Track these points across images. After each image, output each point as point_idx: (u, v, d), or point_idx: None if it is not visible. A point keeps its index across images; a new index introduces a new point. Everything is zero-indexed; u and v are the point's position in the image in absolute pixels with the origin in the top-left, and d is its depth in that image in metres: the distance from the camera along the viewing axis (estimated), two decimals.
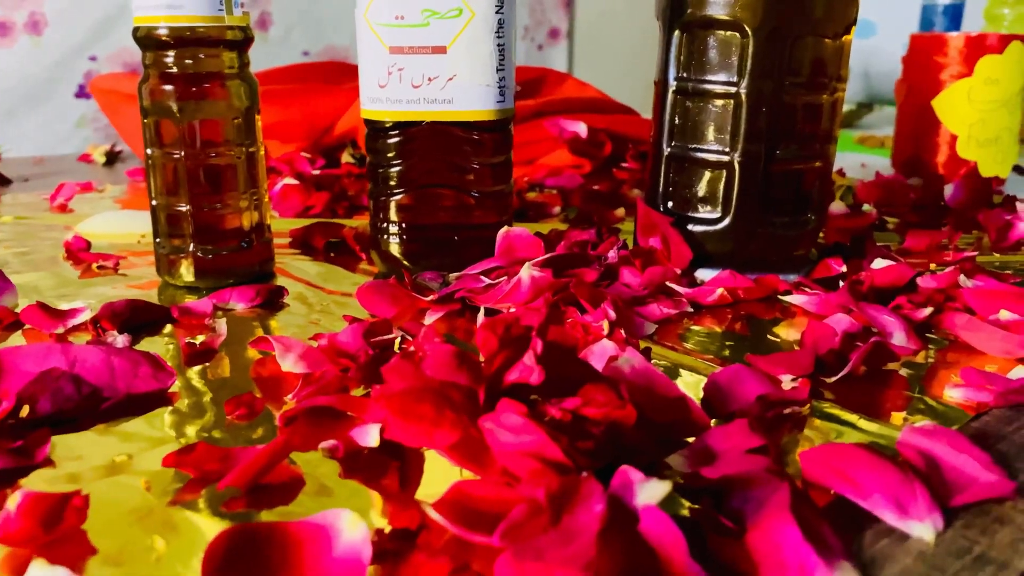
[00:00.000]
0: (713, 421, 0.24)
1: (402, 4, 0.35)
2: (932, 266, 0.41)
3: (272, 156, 0.70)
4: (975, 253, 0.42)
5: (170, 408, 0.26)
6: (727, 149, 0.36)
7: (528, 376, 0.20)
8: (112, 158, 0.75)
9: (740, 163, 0.36)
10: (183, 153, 0.36)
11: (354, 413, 0.23)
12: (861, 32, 0.36)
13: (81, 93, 1.43)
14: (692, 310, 0.35)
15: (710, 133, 0.37)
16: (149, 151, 0.37)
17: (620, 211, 0.52)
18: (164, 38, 0.35)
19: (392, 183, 0.38)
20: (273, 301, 0.36)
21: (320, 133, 0.69)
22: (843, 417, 0.25)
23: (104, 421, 0.25)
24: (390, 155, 0.37)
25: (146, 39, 0.35)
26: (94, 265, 0.41)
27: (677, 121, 0.38)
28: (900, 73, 0.81)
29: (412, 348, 0.26)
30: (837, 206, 0.52)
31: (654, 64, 0.39)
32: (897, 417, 0.25)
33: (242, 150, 0.37)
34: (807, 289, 0.35)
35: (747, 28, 0.34)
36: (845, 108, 1.36)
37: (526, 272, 0.33)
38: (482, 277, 0.35)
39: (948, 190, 0.56)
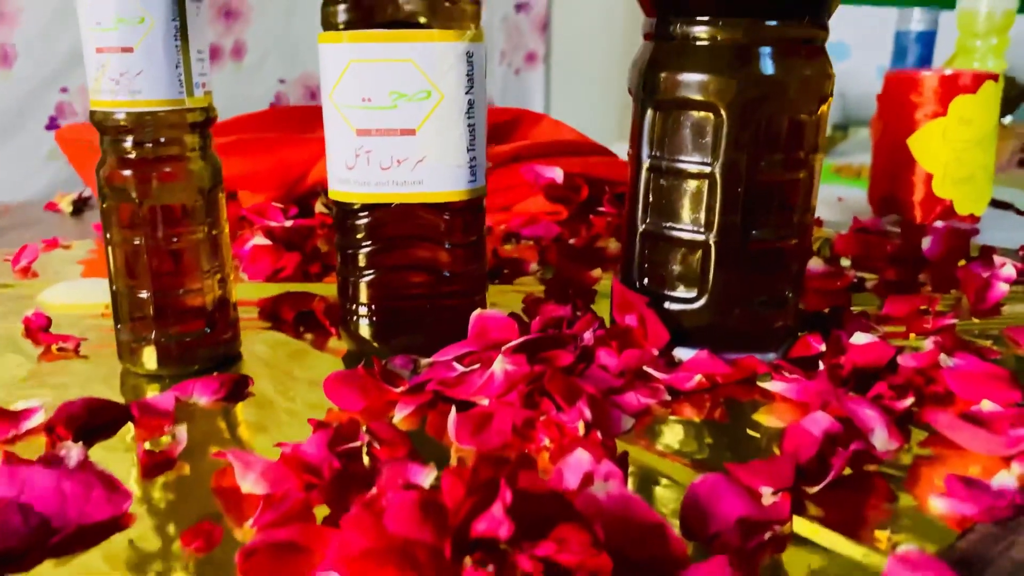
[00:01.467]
0: (691, 546, 0.24)
1: (369, 87, 0.34)
2: (912, 337, 0.41)
3: (243, 206, 0.68)
4: (954, 321, 0.42)
5: (126, 538, 0.24)
6: (702, 229, 0.36)
7: (497, 529, 0.19)
8: (80, 207, 0.74)
9: (716, 243, 0.35)
10: (143, 239, 0.35)
11: (316, 550, 0.22)
12: (836, 55, 0.35)
13: (52, 125, 1.40)
14: (670, 398, 0.34)
15: (685, 212, 0.36)
16: (108, 235, 0.36)
17: (597, 271, 0.51)
18: (122, 123, 0.34)
19: (361, 264, 0.37)
20: (238, 392, 0.35)
21: (292, 183, 0.68)
22: (825, 545, 0.24)
23: (54, 556, 0.23)
24: (359, 236, 0.36)
25: (103, 123, 0.34)
26: (54, 347, 0.40)
27: (651, 198, 0.37)
28: (875, 93, 0.81)
29: (375, 492, 0.25)
30: (815, 263, 0.51)
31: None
32: (881, 535, 0.24)
33: (204, 229, 0.36)
34: (786, 374, 0.35)
35: (721, 109, 0.34)
36: None
37: (499, 366, 0.32)
38: (455, 364, 0.34)
39: (925, 243, 0.56)
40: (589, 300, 0.47)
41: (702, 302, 0.36)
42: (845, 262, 0.56)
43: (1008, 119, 1.50)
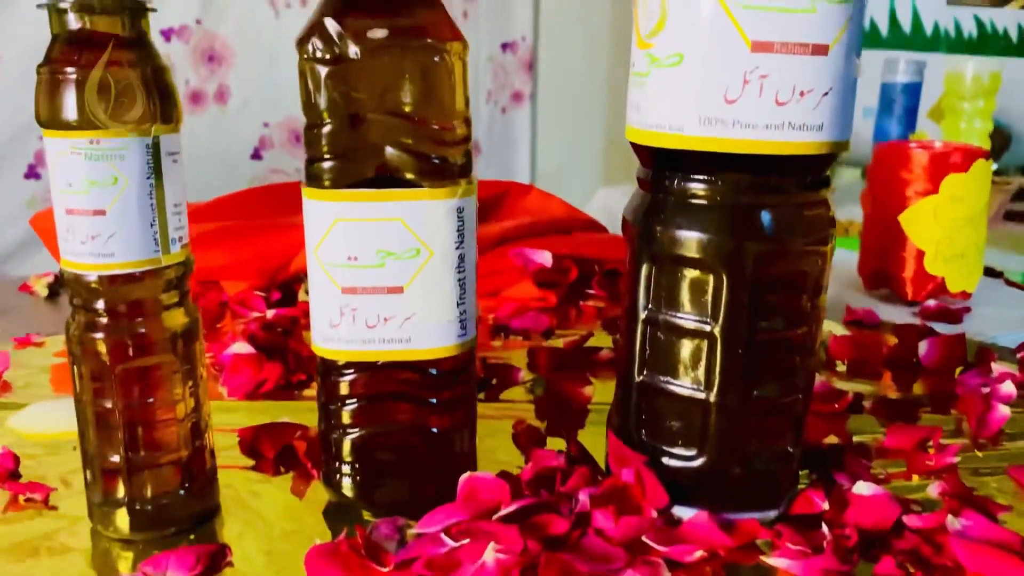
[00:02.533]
0: None
1: (356, 246, 0.33)
2: (915, 478, 0.40)
3: (227, 292, 0.67)
4: (957, 460, 0.41)
5: None
6: (702, 387, 0.34)
7: None
8: (55, 289, 0.72)
9: (716, 403, 0.34)
10: (115, 402, 0.33)
11: None
12: None
13: (31, 173, 1.38)
14: (670, 573, 0.32)
15: (683, 369, 0.35)
16: (77, 392, 0.34)
17: (588, 389, 0.49)
18: (93, 285, 0.32)
19: (345, 421, 0.35)
20: (216, 565, 0.33)
21: (274, 272, 0.66)
22: None
23: None
24: (343, 393, 0.35)
25: (74, 284, 0.32)
26: (21, 497, 0.38)
27: (648, 351, 0.35)
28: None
29: None
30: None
31: (614, 124, 0.37)
32: None
33: (181, 386, 0.35)
34: (789, 545, 0.33)
35: (721, 270, 0.33)
36: None
37: (490, 555, 0.30)
38: (443, 537, 0.33)
39: (922, 347, 0.55)
40: (580, 423, 0.46)
41: (701, 460, 0.35)
42: (841, 367, 0.56)
43: (993, 167, 1.51)
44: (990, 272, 0.88)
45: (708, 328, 0.34)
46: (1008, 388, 0.48)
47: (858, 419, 0.47)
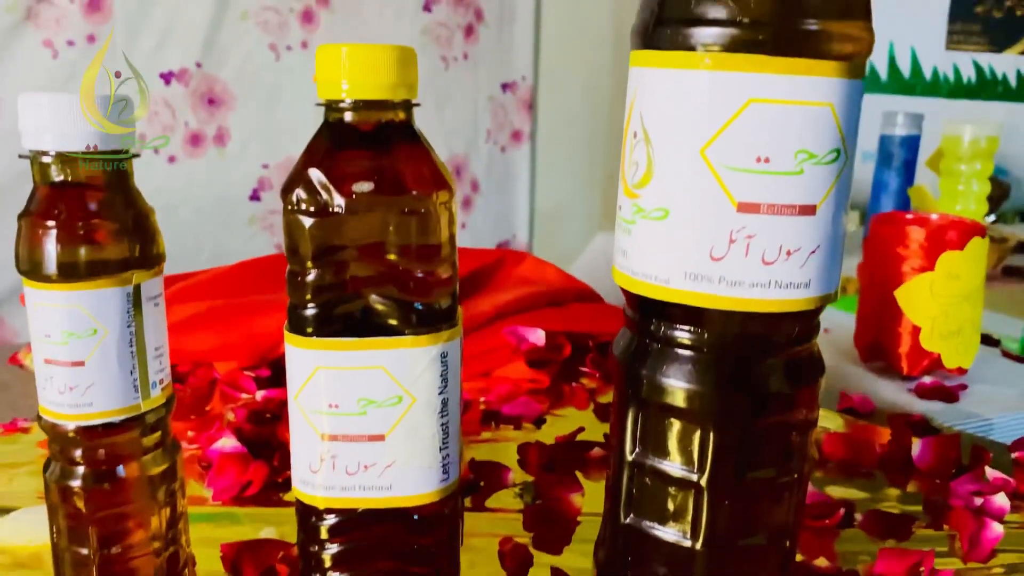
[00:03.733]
0: None
1: (337, 393, 0.32)
2: None
3: (217, 371, 0.66)
4: None
5: None
6: (688, 536, 0.34)
7: None
8: None
9: (702, 552, 0.33)
10: (92, 549, 0.33)
11: None
12: None
13: None
14: None
15: (669, 516, 0.34)
16: (54, 540, 0.33)
17: (578, 499, 0.49)
18: (71, 434, 0.32)
19: (326, 565, 0.35)
20: None
21: (264, 352, 0.66)
22: None
23: None
24: (323, 538, 0.34)
25: (52, 432, 0.32)
26: None
27: (634, 493, 0.35)
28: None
29: None
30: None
31: (613, 165, 0.37)
32: None
33: (157, 517, 0.34)
34: None
35: (708, 422, 0.32)
36: None
37: None
38: None
39: (916, 447, 0.55)
40: (568, 538, 0.46)
41: None
42: (832, 462, 0.55)
43: (991, 218, 1.51)
44: (987, 340, 0.87)
45: (694, 478, 0.33)
46: (1002, 501, 0.48)
47: (849, 534, 0.46)
